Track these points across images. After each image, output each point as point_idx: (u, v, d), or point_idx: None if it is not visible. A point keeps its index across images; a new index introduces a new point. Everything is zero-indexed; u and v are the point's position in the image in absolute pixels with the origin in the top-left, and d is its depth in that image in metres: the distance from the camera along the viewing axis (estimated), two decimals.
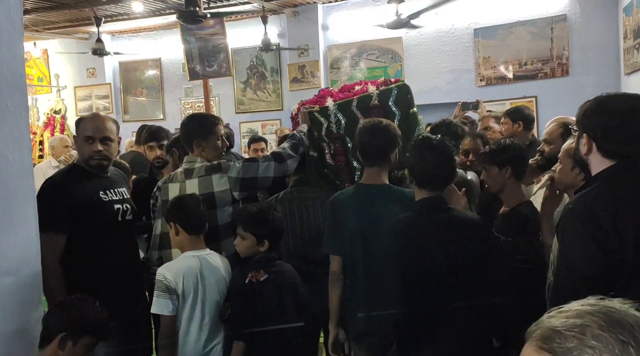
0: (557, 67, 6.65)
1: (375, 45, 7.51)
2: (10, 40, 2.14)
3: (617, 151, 1.55)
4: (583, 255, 1.46)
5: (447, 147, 2.09)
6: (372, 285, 2.22)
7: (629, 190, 1.51)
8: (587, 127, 1.59)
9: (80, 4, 6.75)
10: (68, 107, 9.11)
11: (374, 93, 2.87)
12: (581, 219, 1.49)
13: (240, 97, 8.31)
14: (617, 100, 1.58)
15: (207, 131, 2.65)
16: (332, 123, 2.82)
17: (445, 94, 7.12)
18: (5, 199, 2.01)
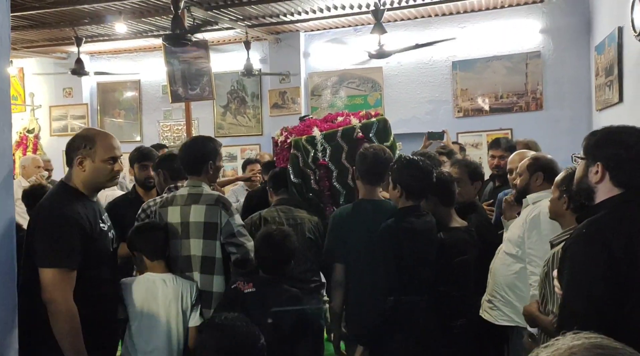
0: (531, 101, 6.85)
1: (355, 74, 7.64)
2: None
3: (627, 181, 1.62)
4: (594, 278, 1.50)
5: (428, 166, 2.62)
6: (370, 288, 2.54)
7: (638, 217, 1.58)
8: (601, 157, 1.65)
9: (61, 23, 6.70)
10: (42, 126, 8.94)
11: (357, 125, 3.22)
12: (593, 244, 1.54)
13: (220, 121, 8.30)
14: (630, 133, 1.66)
15: (216, 154, 2.69)
16: (319, 151, 3.09)
17: (423, 124, 7.24)
18: None
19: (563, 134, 6.39)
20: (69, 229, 2.07)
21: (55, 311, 1.99)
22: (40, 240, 2.04)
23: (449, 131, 7.10)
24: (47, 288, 2.00)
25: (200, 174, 2.64)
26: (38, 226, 2.08)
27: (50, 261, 1.99)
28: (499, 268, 2.82)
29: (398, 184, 2.59)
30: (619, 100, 5.20)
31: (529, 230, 2.64)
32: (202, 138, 2.80)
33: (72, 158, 2.21)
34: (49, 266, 2.00)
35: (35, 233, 2.08)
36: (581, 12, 6.58)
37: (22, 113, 8.88)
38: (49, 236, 2.02)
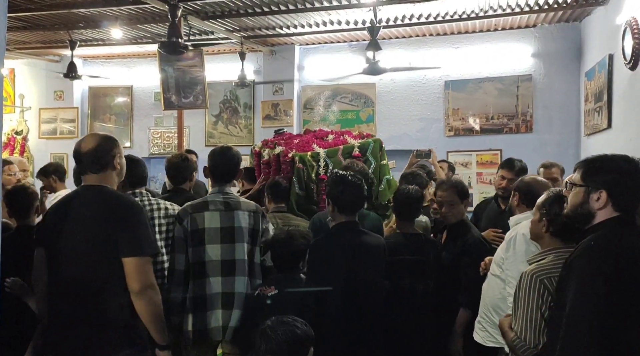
0: (521, 123, 6.93)
1: (349, 89, 7.68)
2: None
3: (626, 206, 1.71)
4: (601, 292, 1.55)
5: (357, 182, 2.69)
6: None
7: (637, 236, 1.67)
8: (603, 183, 1.72)
9: (56, 26, 6.67)
10: (31, 128, 8.85)
11: (355, 144, 3.57)
12: (603, 258, 1.60)
13: (211, 130, 8.28)
14: (624, 160, 1.74)
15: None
16: (322, 167, 3.39)
17: (414, 142, 7.28)
18: None
19: (550, 158, 6.35)
20: (145, 219, 2.20)
21: (152, 296, 2.09)
22: (127, 231, 2.10)
23: (440, 150, 7.18)
24: (141, 275, 2.07)
25: (230, 182, 2.79)
26: (119, 218, 2.11)
27: (142, 249, 2.09)
28: (486, 290, 2.85)
29: (330, 199, 2.72)
30: (607, 126, 5.28)
31: (506, 251, 2.71)
32: (232, 148, 2.89)
33: (108, 161, 2.23)
34: (142, 255, 2.08)
35: (113, 225, 2.11)
36: (572, 38, 6.70)
37: (10, 114, 8.78)
38: (135, 227, 2.10)
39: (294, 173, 3.53)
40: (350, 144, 3.52)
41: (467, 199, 3.28)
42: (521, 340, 2.03)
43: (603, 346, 1.52)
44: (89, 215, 2.15)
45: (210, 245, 2.61)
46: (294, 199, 3.38)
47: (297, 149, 3.43)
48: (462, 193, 3.23)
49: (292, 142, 3.54)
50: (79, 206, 2.19)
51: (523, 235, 2.62)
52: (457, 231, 3.12)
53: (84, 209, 2.17)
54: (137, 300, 2.07)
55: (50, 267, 2.18)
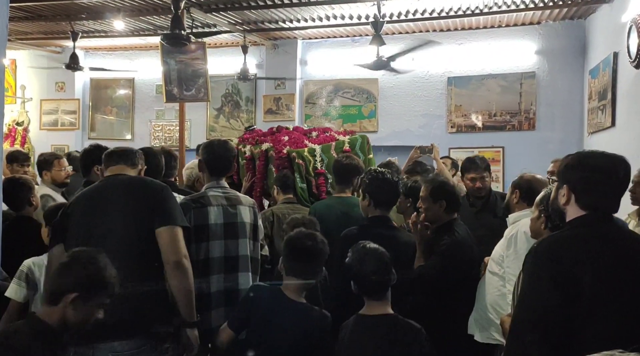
0: (524, 120, 6.91)
1: (351, 84, 7.65)
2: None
3: (593, 204, 1.64)
4: (541, 292, 1.53)
5: (395, 179, 2.82)
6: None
7: (594, 237, 1.60)
8: (568, 179, 1.68)
9: (58, 17, 6.63)
10: (32, 119, 8.83)
11: (345, 140, 3.83)
12: (543, 259, 1.57)
13: (213, 123, 8.26)
14: (598, 157, 1.68)
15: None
16: (317, 161, 3.57)
17: (416, 138, 7.25)
18: None
19: (553, 156, 6.37)
20: (174, 196, 2.29)
21: (186, 267, 2.11)
22: (159, 204, 2.16)
23: (442, 146, 7.15)
24: (176, 244, 2.10)
25: (225, 175, 2.77)
26: (150, 194, 2.19)
27: (175, 219, 2.13)
28: (484, 288, 2.83)
29: (367, 194, 2.79)
30: (611, 124, 5.26)
31: (507, 249, 2.69)
32: (227, 142, 2.89)
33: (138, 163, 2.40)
34: (176, 224, 2.11)
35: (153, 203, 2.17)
36: (577, 36, 6.67)
37: (12, 105, 8.76)
38: (167, 200, 2.16)
39: (292, 168, 3.66)
40: (341, 140, 3.76)
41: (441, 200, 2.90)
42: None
43: (545, 347, 1.50)
44: (121, 198, 2.20)
45: (214, 241, 2.55)
46: (299, 192, 3.55)
47: (291, 145, 3.59)
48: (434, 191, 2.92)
49: (280, 139, 3.65)
50: (109, 193, 2.23)
51: (524, 233, 2.60)
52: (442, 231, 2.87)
53: (115, 194, 2.22)
54: (173, 271, 2.08)
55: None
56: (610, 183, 1.63)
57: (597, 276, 1.52)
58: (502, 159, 6.90)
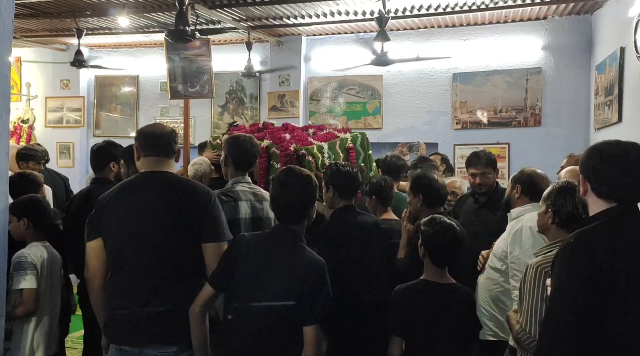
0: (530, 116, 6.87)
1: (355, 80, 7.63)
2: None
3: (607, 193, 1.64)
4: (578, 287, 1.51)
5: (355, 172, 2.96)
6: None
7: (627, 230, 1.59)
8: (583, 169, 1.70)
9: (63, 14, 6.64)
10: (37, 117, 8.85)
11: (348, 138, 3.98)
12: (578, 252, 1.56)
13: (217, 120, 8.25)
14: (611, 145, 1.68)
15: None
16: (325, 158, 3.67)
17: (421, 134, 7.24)
18: None
19: (559, 151, 6.36)
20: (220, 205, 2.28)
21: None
22: (214, 218, 2.15)
23: (447, 143, 7.15)
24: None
25: (249, 170, 2.78)
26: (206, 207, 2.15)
27: (224, 235, 2.15)
28: (484, 283, 2.82)
29: (331, 186, 2.95)
30: (618, 120, 5.22)
31: (511, 245, 2.67)
32: (252, 137, 2.89)
33: (173, 149, 2.26)
34: (223, 240, 2.14)
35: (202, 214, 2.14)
36: (583, 31, 6.62)
37: (17, 103, 8.79)
38: (215, 212, 2.16)
39: (300, 165, 3.65)
40: (344, 138, 3.93)
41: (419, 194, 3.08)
42: (526, 332, 2.02)
43: (581, 345, 1.49)
44: (166, 202, 2.13)
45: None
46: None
47: (296, 143, 3.72)
48: (413, 184, 3.13)
49: (280, 137, 3.75)
50: (148, 191, 2.16)
51: (530, 228, 2.59)
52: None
53: (159, 196, 2.15)
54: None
55: (116, 254, 2.13)
56: (622, 169, 1.62)
57: (632, 269, 1.51)
58: (507, 156, 6.87)
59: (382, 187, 3.30)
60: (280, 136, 3.84)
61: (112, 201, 2.18)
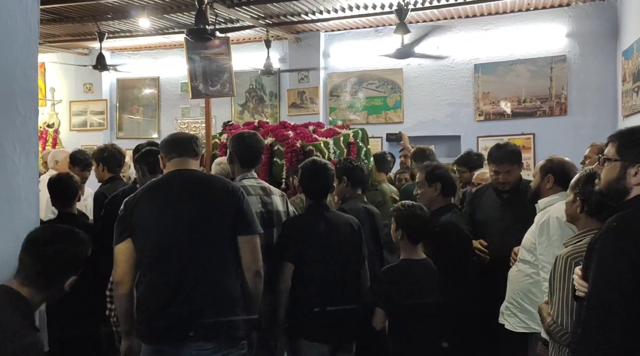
0: (555, 106, 6.73)
1: (375, 75, 7.57)
2: (26, 42, 2.08)
3: None
4: (622, 270, 1.48)
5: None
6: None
7: None
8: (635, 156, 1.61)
9: (84, 18, 6.73)
10: (62, 121, 9.01)
11: (350, 133, 4.19)
12: (623, 236, 1.52)
13: (238, 119, 8.27)
14: None
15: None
16: (331, 153, 3.84)
17: (443, 127, 7.16)
18: (8, 202, 1.91)
19: (586, 141, 6.17)
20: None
21: (262, 275, 2.19)
22: (242, 210, 2.18)
23: (470, 135, 7.05)
24: (258, 253, 2.17)
25: (255, 167, 2.78)
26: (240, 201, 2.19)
27: (256, 228, 2.19)
28: (514, 275, 2.78)
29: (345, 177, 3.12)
30: None
31: (539, 236, 2.62)
32: (256, 133, 2.90)
33: (196, 151, 2.30)
34: (256, 233, 2.19)
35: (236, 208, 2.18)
36: (608, 17, 6.45)
37: (42, 108, 8.96)
38: (247, 206, 2.20)
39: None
40: (347, 134, 4.13)
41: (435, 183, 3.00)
42: (558, 324, 1.97)
43: (627, 329, 1.45)
44: (200, 198, 2.15)
45: None
46: None
47: (302, 139, 3.85)
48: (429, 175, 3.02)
49: (284, 134, 3.87)
50: (183, 192, 2.16)
51: (557, 219, 2.53)
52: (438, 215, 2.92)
53: (192, 193, 2.16)
54: (255, 279, 2.14)
55: (148, 255, 2.11)
56: None
57: None
58: (532, 146, 6.74)
59: (353, 168, 3.20)
60: (283, 133, 3.96)
61: (141, 200, 2.17)
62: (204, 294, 2.06)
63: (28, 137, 2.03)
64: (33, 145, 2.08)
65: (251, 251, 2.12)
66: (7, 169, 1.92)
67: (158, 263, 2.09)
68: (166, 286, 2.07)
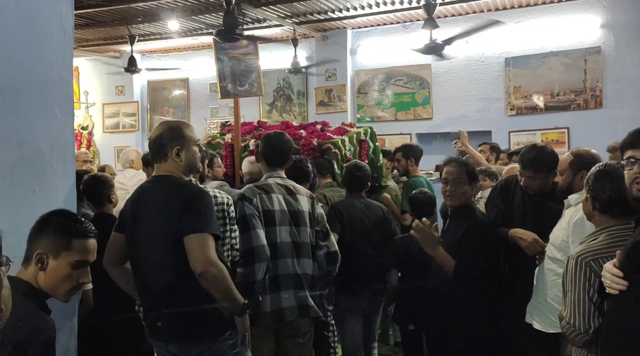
0: (590, 99, 6.55)
1: (403, 71, 7.50)
2: (61, 47, 2.14)
3: None
4: None
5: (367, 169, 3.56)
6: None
7: None
8: None
9: (116, 22, 6.87)
10: (95, 123, 9.22)
11: (361, 131, 4.44)
12: None
13: (266, 119, 8.31)
14: None
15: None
16: (347, 150, 4.11)
17: (473, 123, 7.05)
18: (47, 204, 1.96)
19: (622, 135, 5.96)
20: (210, 204, 2.15)
21: (216, 274, 2.00)
22: (191, 212, 2.06)
23: (501, 130, 6.91)
24: (201, 252, 2.00)
25: (283, 166, 2.78)
26: (182, 203, 2.09)
27: (204, 227, 2.03)
28: (544, 274, 2.68)
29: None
30: None
31: (573, 234, 2.49)
32: (283, 133, 2.90)
33: (166, 151, 2.17)
34: (203, 232, 2.02)
35: (177, 211, 2.08)
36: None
37: (76, 111, 9.19)
38: (197, 208, 2.07)
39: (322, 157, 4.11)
40: (359, 132, 4.38)
41: (475, 182, 2.94)
42: (570, 325, 1.92)
43: None
44: (156, 202, 2.17)
45: (281, 227, 2.62)
46: (337, 177, 3.98)
47: (318, 138, 4.13)
48: (471, 173, 2.88)
49: (295, 133, 4.06)
50: (149, 194, 2.22)
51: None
52: (463, 214, 2.82)
53: (152, 196, 2.19)
54: (201, 281, 2.01)
55: (131, 253, 2.20)
56: None
57: None
58: (567, 141, 6.57)
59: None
60: (295, 132, 4.18)
61: (129, 201, 2.27)
62: (160, 295, 2.10)
63: (65, 140, 2.09)
64: (70, 148, 2.13)
65: (191, 251, 2.00)
66: (46, 172, 1.98)
67: (136, 264, 2.18)
68: (144, 287, 2.16)
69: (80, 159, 5.66)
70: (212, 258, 2.00)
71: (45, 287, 1.64)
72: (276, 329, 2.64)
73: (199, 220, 2.04)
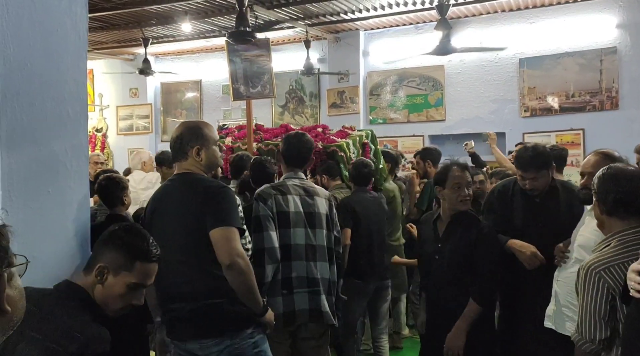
0: (606, 99, 6.46)
1: (416, 72, 7.47)
2: (75, 49, 2.14)
3: None
4: None
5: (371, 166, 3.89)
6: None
7: None
8: None
9: (129, 24, 6.93)
10: (109, 125, 9.31)
11: (363, 134, 4.57)
12: None
13: (278, 120, 8.33)
14: None
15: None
16: (352, 153, 4.22)
17: (487, 124, 6.98)
18: (62, 206, 1.97)
19: (639, 136, 5.97)
20: (234, 199, 2.20)
21: (242, 266, 2.05)
22: (215, 206, 2.10)
23: (515, 131, 6.85)
24: (227, 244, 2.05)
25: (303, 167, 2.79)
26: (204, 198, 2.13)
27: (229, 220, 2.08)
28: (569, 277, 2.62)
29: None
30: None
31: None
32: (305, 134, 2.89)
33: (186, 151, 2.24)
34: (229, 225, 2.07)
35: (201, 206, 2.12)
36: None
37: (91, 113, 9.28)
38: (221, 203, 2.11)
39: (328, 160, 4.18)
40: (361, 135, 4.51)
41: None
42: (578, 334, 1.89)
43: None
44: (179, 198, 2.20)
45: (295, 229, 2.61)
46: (344, 178, 4.09)
47: (324, 141, 4.23)
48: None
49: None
50: (172, 191, 2.25)
51: None
52: (464, 218, 2.76)
53: (175, 193, 2.23)
54: (228, 273, 2.05)
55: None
56: None
57: None
58: (582, 142, 6.50)
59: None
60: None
61: (151, 200, 2.31)
62: (181, 292, 2.11)
63: (79, 141, 2.09)
64: (83, 149, 2.14)
65: (217, 244, 2.04)
66: (60, 173, 1.98)
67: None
68: (164, 285, 2.13)
69: (92, 161, 5.70)
70: (239, 250, 2.06)
71: (98, 299, 1.66)
72: (292, 331, 2.63)
73: (223, 214, 2.09)
